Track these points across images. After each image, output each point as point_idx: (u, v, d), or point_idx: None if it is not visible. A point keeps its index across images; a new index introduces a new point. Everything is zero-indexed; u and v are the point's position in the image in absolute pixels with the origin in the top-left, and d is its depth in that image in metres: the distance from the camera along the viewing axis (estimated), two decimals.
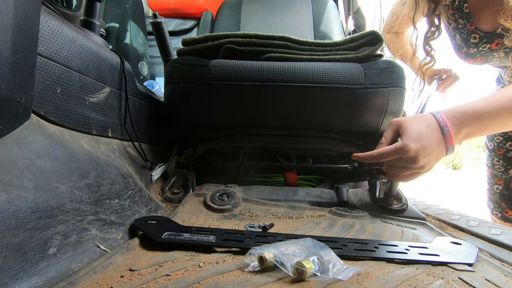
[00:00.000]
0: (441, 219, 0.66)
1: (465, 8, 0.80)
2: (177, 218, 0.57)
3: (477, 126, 0.54)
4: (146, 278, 0.35)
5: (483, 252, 0.49)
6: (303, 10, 1.44)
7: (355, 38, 0.80)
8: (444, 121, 0.53)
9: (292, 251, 0.37)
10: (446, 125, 0.53)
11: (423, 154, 0.52)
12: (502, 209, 0.96)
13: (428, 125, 0.53)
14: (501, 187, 0.97)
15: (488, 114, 0.53)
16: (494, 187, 0.99)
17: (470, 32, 0.81)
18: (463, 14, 0.81)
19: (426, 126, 0.53)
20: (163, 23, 1.06)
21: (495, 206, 0.98)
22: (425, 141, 0.52)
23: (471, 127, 0.54)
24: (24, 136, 0.41)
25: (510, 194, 0.95)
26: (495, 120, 0.54)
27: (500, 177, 0.97)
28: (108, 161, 0.58)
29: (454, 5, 0.82)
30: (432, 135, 0.53)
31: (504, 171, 0.94)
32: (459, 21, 0.82)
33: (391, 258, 0.42)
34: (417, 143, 0.52)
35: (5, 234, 0.33)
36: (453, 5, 0.82)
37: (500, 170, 0.95)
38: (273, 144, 0.84)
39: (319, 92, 0.72)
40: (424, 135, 0.52)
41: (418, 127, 0.53)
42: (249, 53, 0.79)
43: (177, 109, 0.78)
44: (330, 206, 0.68)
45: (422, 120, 0.54)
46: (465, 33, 0.82)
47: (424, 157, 0.52)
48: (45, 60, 0.46)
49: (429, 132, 0.53)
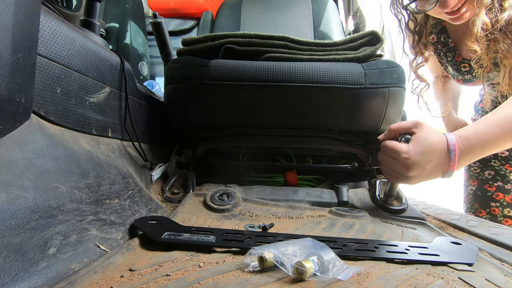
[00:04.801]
0: (441, 219, 0.66)
1: (450, 42, 0.89)
2: (177, 218, 0.57)
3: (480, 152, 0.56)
4: (146, 278, 0.35)
5: (483, 252, 0.49)
6: (303, 10, 1.44)
7: (355, 38, 0.80)
8: (454, 145, 0.55)
9: (292, 251, 0.37)
10: (454, 150, 0.55)
11: (416, 168, 0.55)
12: (475, 210, 0.99)
13: (438, 148, 0.55)
14: (474, 188, 1.01)
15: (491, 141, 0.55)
16: (468, 188, 1.04)
17: (459, 63, 0.88)
18: (449, 48, 0.89)
19: (435, 147, 0.55)
20: (163, 23, 1.06)
21: (468, 207, 1.02)
22: (425, 159, 0.55)
23: (474, 153, 0.56)
24: (24, 136, 0.41)
25: (483, 195, 0.98)
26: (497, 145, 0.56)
27: (476, 178, 1.01)
28: (108, 161, 0.58)
29: (440, 40, 0.90)
30: (435, 159, 0.55)
31: (480, 172, 0.98)
32: (448, 54, 0.90)
33: (391, 258, 0.42)
34: (417, 156, 0.54)
35: (5, 234, 0.33)
36: (440, 40, 0.90)
37: (476, 172, 0.99)
38: (273, 144, 0.84)
39: (319, 92, 0.71)
40: (428, 153, 0.55)
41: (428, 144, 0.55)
42: (249, 53, 0.79)
43: (177, 109, 0.78)
44: (330, 206, 0.68)
45: (435, 138, 0.56)
46: (455, 64, 0.89)
47: (414, 171, 0.55)
48: (45, 60, 0.46)
49: (435, 155, 0.55)
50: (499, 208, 0.95)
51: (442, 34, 0.89)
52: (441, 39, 0.89)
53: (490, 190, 0.97)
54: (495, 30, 0.67)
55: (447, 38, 0.88)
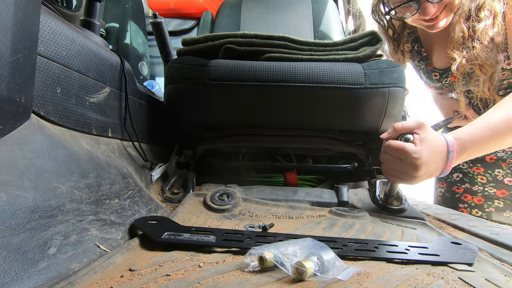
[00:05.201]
0: (441, 219, 0.66)
1: (423, 52, 0.93)
2: (177, 218, 0.57)
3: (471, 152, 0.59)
4: (146, 278, 0.35)
5: (483, 252, 0.49)
6: (303, 10, 1.44)
7: (355, 38, 0.80)
8: (453, 146, 0.57)
9: (292, 251, 0.37)
10: (453, 151, 0.57)
11: (424, 168, 0.55)
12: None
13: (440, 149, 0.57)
14: (443, 190, 1.03)
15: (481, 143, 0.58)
16: (438, 190, 1.06)
17: (430, 71, 0.93)
18: (422, 57, 0.94)
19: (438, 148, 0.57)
20: (163, 23, 1.05)
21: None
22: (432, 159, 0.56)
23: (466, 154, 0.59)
24: (24, 136, 0.41)
25: (452, 196, 1.00)
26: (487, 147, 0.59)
27: (444, 181, 1.03)
28: (108, 161, 0.58)
29: (414, 49, 0.95)
30: (438, 159, 0.57)
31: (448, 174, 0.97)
32: (420, 63, 0.95)
33: (391, 258, 0.42)
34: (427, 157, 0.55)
35: (5, 234, 0.33)
36: (414, 49, 0.95)
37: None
38: (273, 144, 0.84)
39: (319, 92, 0.71)
40: (434, 153, 0.56)
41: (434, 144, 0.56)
42: (249, 53, 0.79)
43: (177, 109, 0.78)
44: (330, 206, 0.68)
45: (438, 140, 0.57)
46: (427, 73, 0.95)
47: (422, 171, 0.56)
48: (45, 60, 0.46)
49: (438, 155, 0.57)
50: (467, 209, 0.97)
51: (416, 43, 0.94)
52: (415, 48, 0.94)
53: (458, 192, 0.99)
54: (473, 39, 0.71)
55: (420, 47, 0.94)
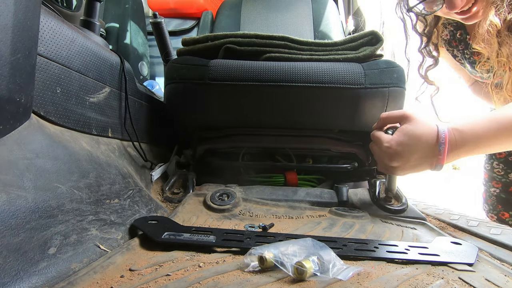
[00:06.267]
0: (441, 219, 0.66)
1: (468, 39, 0.81)
2: (177, 218, 0.57)
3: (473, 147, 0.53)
4: (146, 278, 0.35)
5: (483, 252, 0.49)
6: (303, 10, 1.44)
7: (355, 38, 0.80)
8: (444, 138, 0.52)
9: (292, 251, 0.37)
10: (444, 143, 0.52)
11: (398, 159, 0.54)
12: (498, 211, 0.97)
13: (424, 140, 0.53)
14: (498, 190, 0.99)
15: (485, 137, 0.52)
16: (491, 190, 1.01)
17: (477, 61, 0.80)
18: (467, 45, 0.82)
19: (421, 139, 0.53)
20: (163, 23, 1.06)
21: (491, 208, 1.00)
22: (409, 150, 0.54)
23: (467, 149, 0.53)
24: (24, 136, 0.41)
25: (508, 197, 0.96)
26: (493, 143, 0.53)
27: (499, 180, 0.98)
28: (108, 161, 0.58)
29: (456, 37, 0.83)
30: (420, 151, 0.53)
31: (504, 174, 0.95)
32: (465, 51, 0.83)
33: (391, 258, 0.42)
34: (398, 147, 0.54)
35: (5, 234, 0.33)
36: (455, 37, 0.83)
37: (500, 174, 0.96)
38: (273, 144, 0.84)
39: (319, 92, 0.71)
40: (412, 145, 0.54)
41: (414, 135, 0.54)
42: (249, 53, 0.79)
43: (177, 109, 0.78)
44: (330, 206, 0.68)
45: (423, 131, 0.54)
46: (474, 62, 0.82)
47: (396, 161, 0.54)
48: (45, 60, 0.46)
49: (420, 147, 0.53)
50: None
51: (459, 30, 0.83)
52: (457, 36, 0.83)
53: None
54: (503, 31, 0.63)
55: (465, 34, 0.81)
